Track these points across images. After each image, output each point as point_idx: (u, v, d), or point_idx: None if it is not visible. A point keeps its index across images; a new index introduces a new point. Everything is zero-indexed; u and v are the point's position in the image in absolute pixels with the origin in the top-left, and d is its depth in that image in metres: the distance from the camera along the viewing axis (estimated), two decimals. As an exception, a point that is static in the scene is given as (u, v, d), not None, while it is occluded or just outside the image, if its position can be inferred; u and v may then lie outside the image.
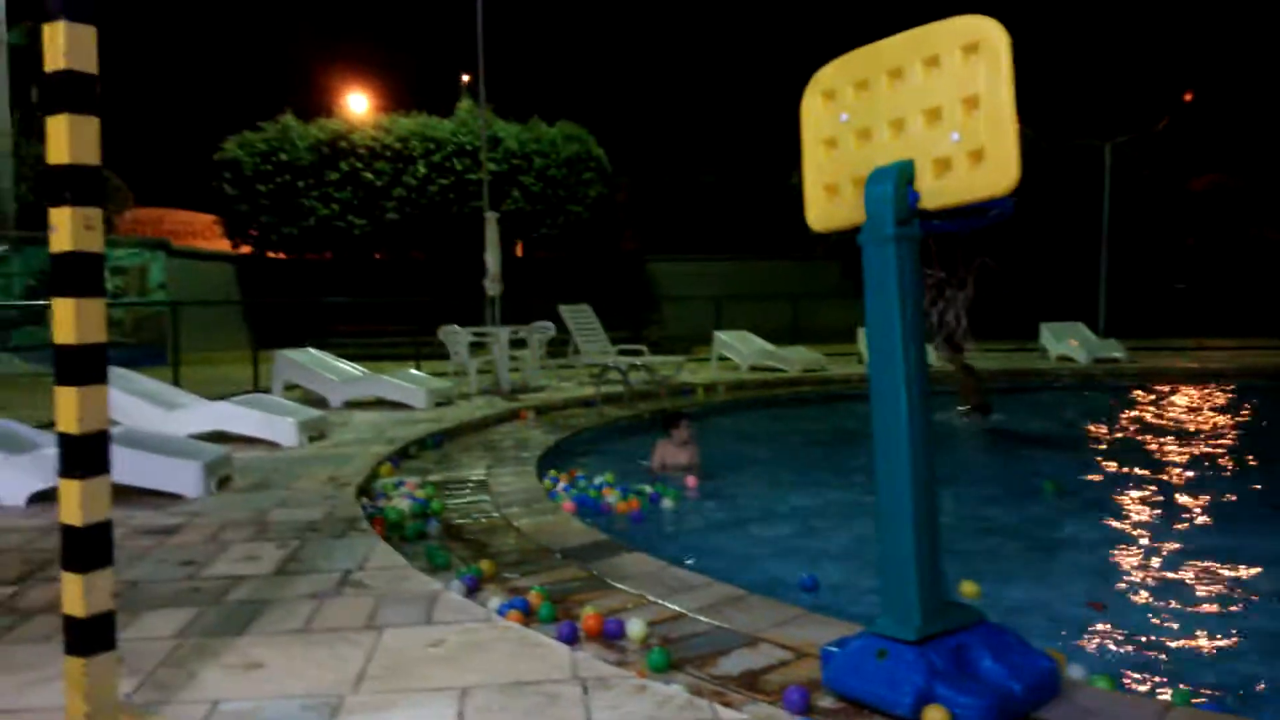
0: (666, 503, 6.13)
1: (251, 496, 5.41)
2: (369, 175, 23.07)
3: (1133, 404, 12.47)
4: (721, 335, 16.05)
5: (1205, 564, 4.99)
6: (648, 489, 6.37)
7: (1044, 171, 23.14)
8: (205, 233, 29.03)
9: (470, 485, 6.12)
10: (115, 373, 7.23)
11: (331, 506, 5.08)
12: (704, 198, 28.22)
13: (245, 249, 25.31)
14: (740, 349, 15.51)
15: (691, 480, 6.85)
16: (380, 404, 10.06)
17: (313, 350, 11.17)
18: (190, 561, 4.00)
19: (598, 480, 6.58)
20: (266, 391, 9.97)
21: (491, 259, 12.17)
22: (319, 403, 9.84)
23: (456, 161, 23.19)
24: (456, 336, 12.03)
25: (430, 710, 2.44)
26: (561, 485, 6.42)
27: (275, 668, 2.77)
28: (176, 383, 9.76)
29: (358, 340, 19.56)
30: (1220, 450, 8.70)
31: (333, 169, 23.20)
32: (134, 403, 7.25)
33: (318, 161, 23.24)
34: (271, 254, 25.37)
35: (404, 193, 23.09)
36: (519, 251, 26.34)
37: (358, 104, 29.85)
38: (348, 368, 10.92)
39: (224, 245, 25.94)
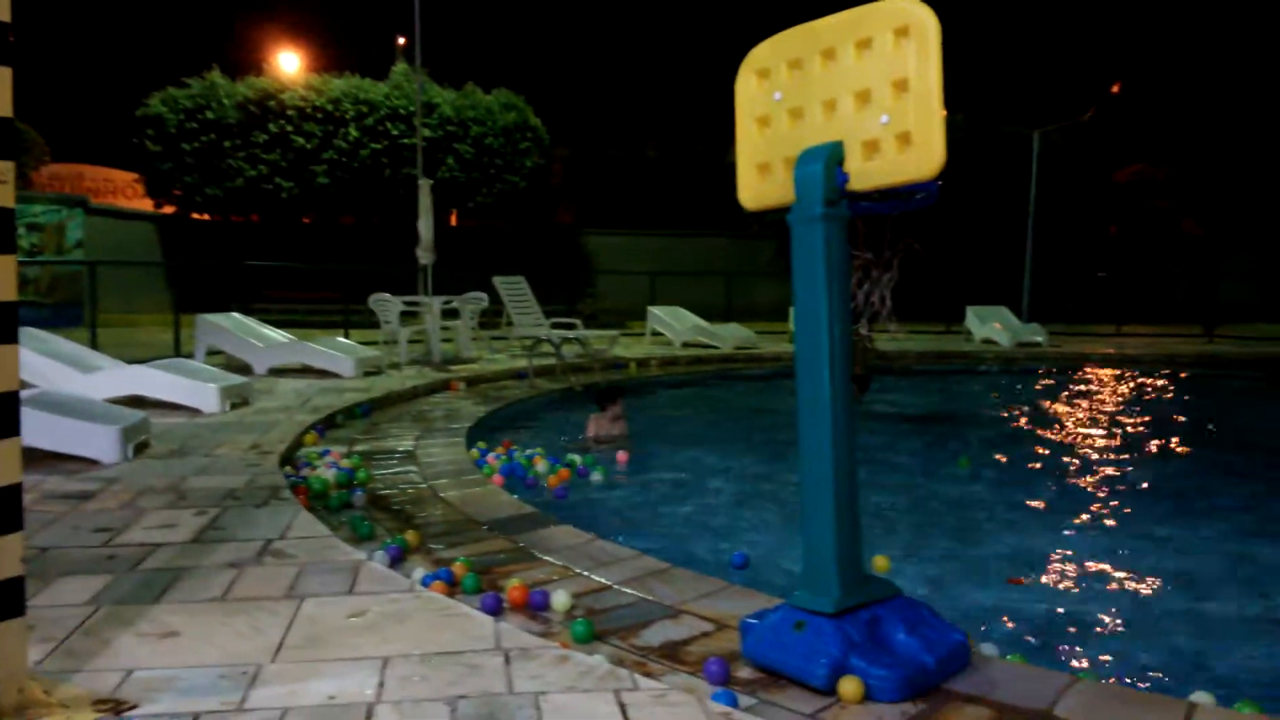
0: (596, 476, 6.16)
1: (170, 463, 5.29)
2: (299, 138, 22.53)
3: (1051, 387, 12.82)
4: (656, 310, 16.10)
5: (1116, 542, 5.18)
6: (580, 459, 6.39)
7: (973, 158, 23.57)
8: (126, 191, 28.11)
9: (398, 456, 6.07)
10: (28, 333, 7.00)
11: (253, 475, 4.99)
12: (642, 173, 28.16)
13: (168, 209, 24.56)
14: (674, 325, 15.58)
15: (622, 455, 6.88)
16: (306, 372, 9.90)
17: (237, 315, 10.93)
18: (105, 528, 3.91)
19: (529, 452, 6.58)
20: (189, 357, 9.74)
21: (424, 227, 12.01)
22: (243, 369, 9.64)
23: (390, 126, 22.77)
24: (387, 305, 11.88)
25: (350, 680, 2.43)
26: (492, 457, 6.40)
27: (191, 636, 2.73)
28: (94, 345, 9.46)
29: (284, 306, 19.18)
30: (1133, 433, 9.01)
31: (261, 129, 22.60)
32: (48, 364, 7.02)
33: (245, 121, 22.62)
34: (196, 215, 24.67)
35: (335, 156, 22.61)
36: (453, 220, 26.01)
37: (289, 63, 29.08)
38: (273, 334, 10.71)
39: (146, 204, 25.13)
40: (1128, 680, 3.26)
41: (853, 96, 2.69)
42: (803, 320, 2.78)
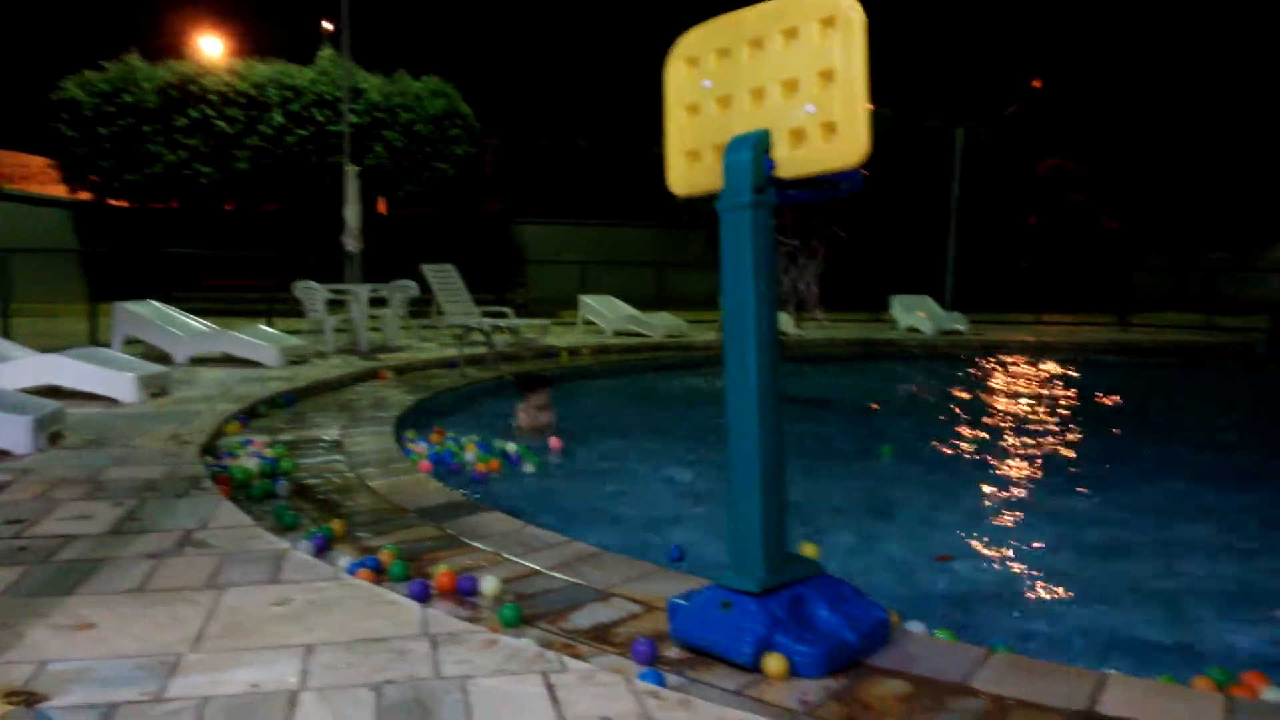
0: (528, 466, 6.14)
1: (86, 454, 5.14)
2: (221, 123, 21.96)
3: (972, 374, 13.14)
4: (587, 299, 16.09)
5: (1037, 521, 5.35)
6: (511, 447, 6.37)
7: (899, 151, 23.98)
8: (40, 176, 27.07)
9: (324, 445, 5.98)
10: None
11: (173, 465, 4.88)
12: (573, 162, 28.08)
13: (84, 195, 23.76)
14: (605, 313, 15.58)
15: (555, 442, 6.87)
16: (229, 361, 9.68)
17: (155, 303, 10.64)
18: (17, 520, 3.79)
19: (462, 440, 6.54)
20: (105, 346, 9.45)
21: (351, 214, 11.83)
22: (162, 359, 9.39)
23: (316, 112, 22.33)
24: (313, 293, 11.66)
25: (273, 668, 2.40)
26: (422, 445, 6.35)
27: (108, 628, 2.67)
28: (6, 334, 9.15)
29: (206, 295, 18.71)
30: (1050, 417, 9.29)
31: (181, 114, 21.98)
32: (-45, 354, 6.76)
33: (165, 105, 21.98)
34: (113, 201, 23.91)
35: (258, 142, 22.10)
36: (381, 208, 25.63)
37: (210, 47, 28.34)
38: (194, 322, 10.46)
39: (61, 190, 24.28)
40: (1047, 653, 3.37)
41: (780, 85, 2.72)
42: (731, 306, 2.81)
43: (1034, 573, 4.45)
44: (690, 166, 2.99)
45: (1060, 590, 4.19)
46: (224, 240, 22.03)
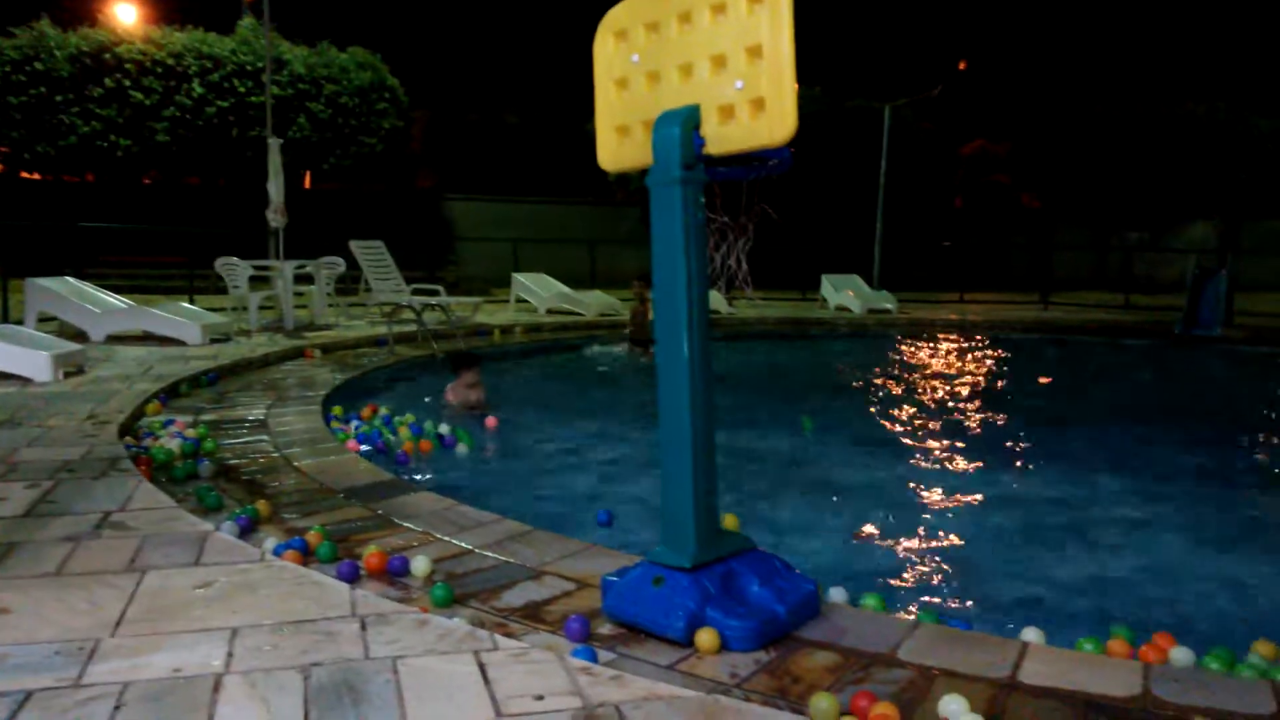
0: (462, 446, 6.06)
1: (-3, 435, 4.96)
2: (137, 93, 21.19)
3: (899, 353, 13.37)
4: (519, 277, 15.97)
5: (959, 494, 5.47)
6: (445, 427, 6.29)
7: (828, 130, 24.18)
8: (-56, 147, 25.91)
9: (248, 425, 5.86)
10: None
11: (90, 446, 4.73)
12: (505, 138, 27.71)
13: (-8, 167, 22.83)
14: (538, 291, 15.49)
15: (490, 421, 6.81)
16: (148, 339, 9.41)
17: (71, 279, 10.28)
18: (-78, 505, 3.64)
19: (388, 416, 6.45)
20: (18, 324, 9.12)
21: (274, 188, 11.53)
22: (78, 336, 9.10)
23: (237, 82, 21.67)
24: (235, 269, 11.38)
25: (197, 652, 2.35)
26: (352, 425, 6.25)
27: (24, 613, 2.58)
28: (-92, 312, 8.76)
29: (125, 271, 18.13)
30: (972, 393, 9.50)
31: (96, 84, 21.17)
32: None
33: (79, 74, 21.13)
34: (25, 174, 23.00)
35: (177, 113, 21.39)
36: (307, 183, 25.06)
37: (125, 14, 27.30)
38: (111, 299, 10.13)
39: (-34, 163, 23.27)
40: (969, 623, 3.46)
41: (708, 61, 2.72)
42: (661, 282, 2.81)
43: (957, 544, 4.56)
44: (620, 142, 2.98)
45: (983, 561, 4.30)
46: (143, 215, 21.32)
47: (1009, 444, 7.14)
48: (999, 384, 10.65)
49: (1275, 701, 2.37)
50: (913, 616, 3.10)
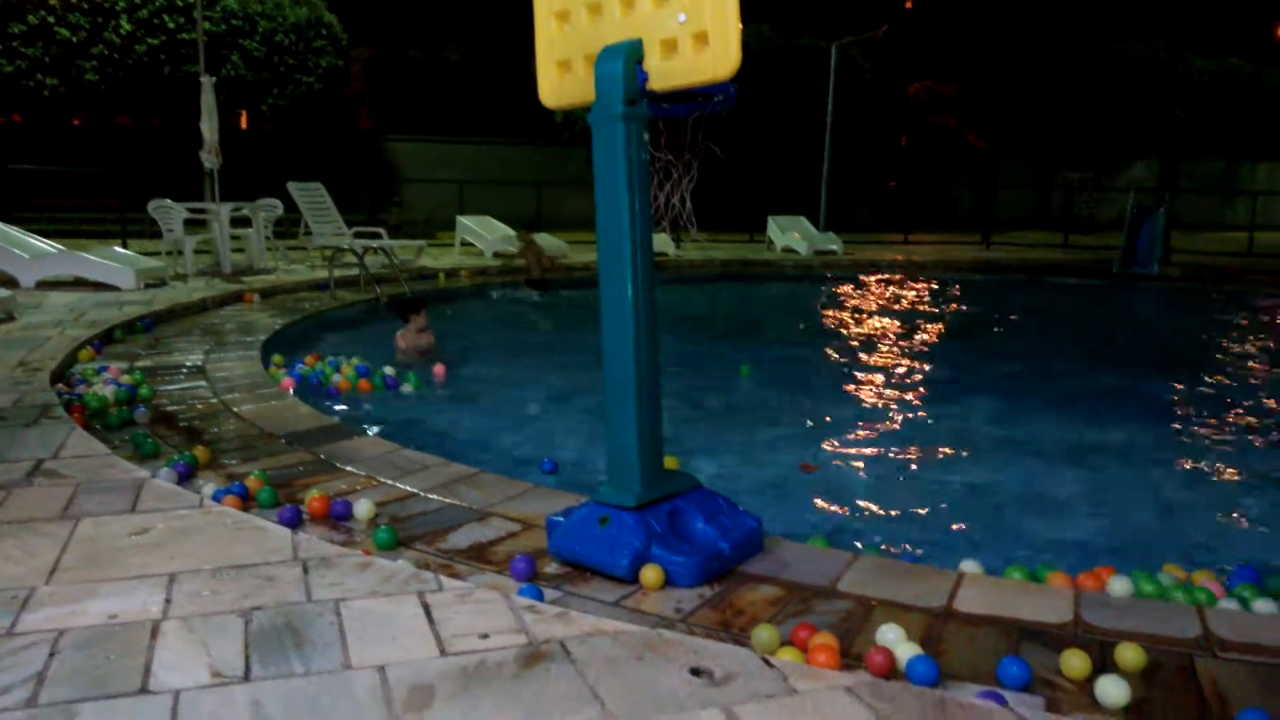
0: (407, 388, 6.01)
1: (-79, 384, 4.80)
2: (63, 30, 20.34)
3: (844, 293, 13.48)
4: (464, 220, 15.76)
5: (901, 429, 5.56)
6: (389, 369, 6.22)
7: (775, 68, 24.02)
8: None
9: (185, 371, 5.74)
10: None
11: (20, 393, 4.60)
12: (447, 77, 27.10)
13: (-91, 107, 21.82)
14: (484, 235, 15.30)
15: (439, 369, 6.72)
16: (80, 285, 9.14)
17: (-3, 224, 9.93)
18: None
19: (338, 362, 6.35)
20: (-60, 269, 8.81)
21: (208, 128, 11.18)
22: (7, 283, 8.81)
23: (168, 19, 20.86)
24: (169, 212, 11.07)
25: (134, 598, 2.31)
26: (291, 371, 6.14)
27: (-49, 565, 2.51)
28: None
29: (54, 215, 17.57)
30: (915, 332, 9.63)
31: (18, 20, 20.26)
32: None
33: (0, 11, 20.21)
34: (-56, 114, 22.06)
35: (105, 51, 20.58)
36: (243, 124, 24.36)
37: (45, -56, 26.02)
38: (40, 244, 9.80)
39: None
40: (910, 554, 3.53)
41: (650, -8, 2.66)
42: (605, 221, 2.78)
43: (897, 479, 4.65)
44: (561, 77, 2.92)
45: (922, 495, 4.38)
46: (73, 156, 20.62)
47: (947, 380, 7.27)
48: (940, 323, 10.80)
49: (1201, 624, 2.45)
50: (853, 551, 3.15)
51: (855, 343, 8.95)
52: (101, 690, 1.87)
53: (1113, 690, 2.06)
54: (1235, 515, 4.23)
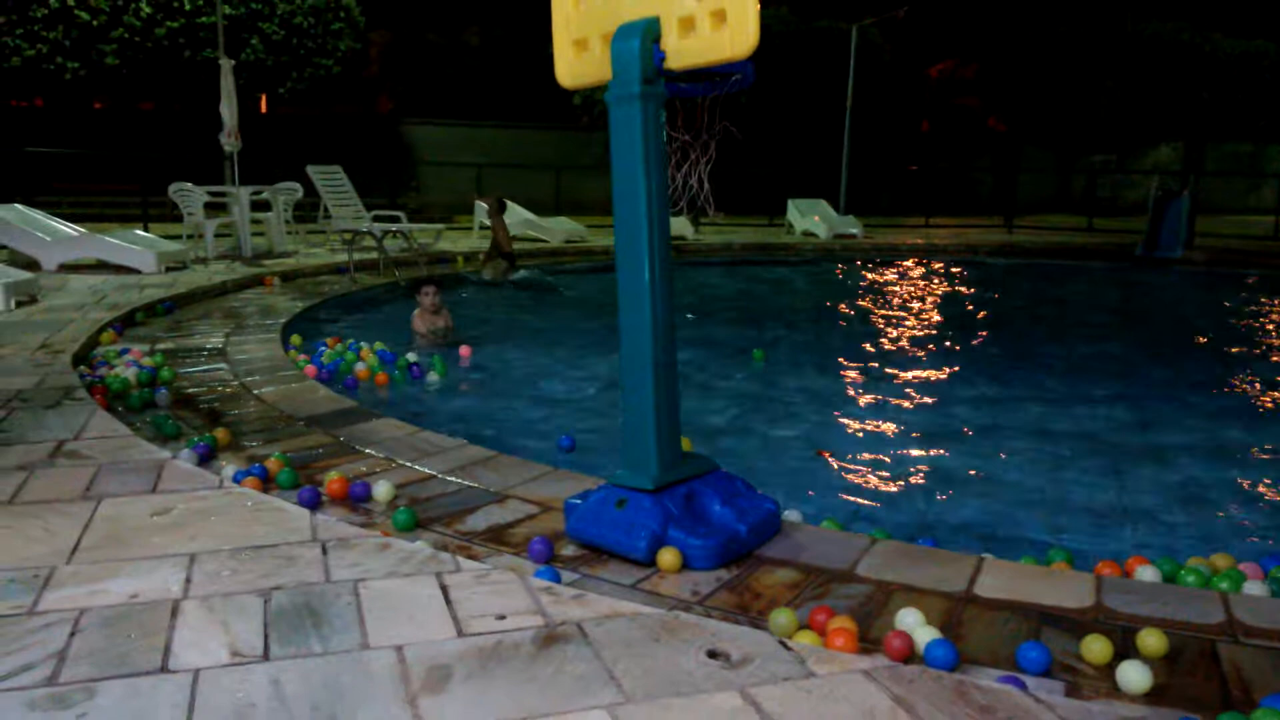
0: (433, 376, 5.97)
1: (-54, 366, 4.85)
2: (83, 13, 20.43)
3: (864, 277, 13.40)
4: (482, 204, 15.74)
5: (919, 414, 5.53)
6: (413, 356, 6.19)
7: (795, 50, 23.84)
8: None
9: (206, 353, 5.77)
10: None
11: (43, 375, 4.64)
12: (466, 60, 27.09)
13: (-68, 91, 21.99)
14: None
15: (464, 350, 6.70)
16: (102, 267, 9.21)
17: (21, 207, 10.00)
18: None
19: (358, 346, 6.34)
20: (-36, 252, 8.89)
21: (228, 111, 11.21)
22: (30, 265, 8.88)
23: (187, 2, 20.93)
24: (190, 196, 11.13)
25: (155, 578, 2.33)
26: (315, 359, 6.13)
27: (-25, 544, 2.54)
28: None
29: (76, 198, 17.72)
30: (936, 317, 9.56)
31: (40, 5, 20.36)
32: None
33: (20, -6, 20.31)
34: (-33, 99, 22.21)
35: (126, 34, 20.66)
36: (263, 107, 24.42)
37: (66, -72, 26.11)
38: (63, 227, 9.88)
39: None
40: (927, 539, 3.51)
41: (668, -31, 2.63)
42: (622, 201, 2.76)
43: (917, 464, 4.61)
44: (578, 56, 2.90)
45: (942, 480, 4.35)
46: (95, 140, 20.76)
47: (969, 365, 7.21)
48: (961, 307, 10.72)
49: (1225, 611, 2.43)
50: (871, 534, 3.14)
51: (875, 326, 8.90)
52: (122, 669, 1.89)
53: (1134, 676, 2.04)
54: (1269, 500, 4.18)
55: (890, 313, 9.82)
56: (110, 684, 1.83)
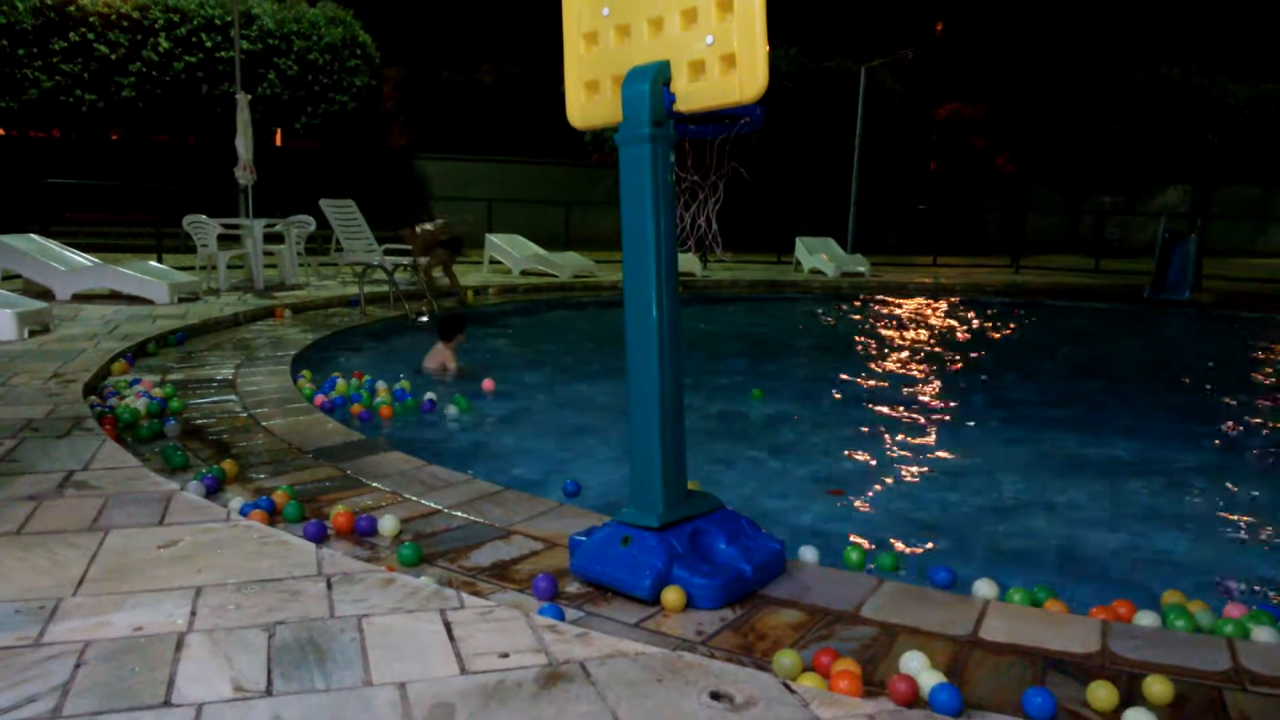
0: (451, 410, 5.95)
1: (-42, 394, 4.88)
2: (102, 47, 20.74)
3: (871, 315, 13.42)
4: (493, 238, 15.87)
5: (926, 454, 5.51)
6: (429, 394, 6.15)
7: (804, 90, 24.05)
8: (-98, 100, 25.22)
9: (216, 384, 5.80)
10: None
11: (54, 404, 4.67)
12: (479, 96, 27.37)
13: (-48, 122, 22.29)
14: (512, 252, 15.40)
15: (488, 384, 6.66)
16: (115, 298, 9.29)
17: (36, 237, 10.10)
18: (-120, 464, 3.59)
19: (375, 383, 6.35)
20: (-21, 281, 8.97)
21: (243, 145, 11.34)
22: (44, 295, 8.96)
23: (205, 37, 21.23)
24: (204, 228, 11.22)
25: (160, 610, 2.33)
26: (319, 387, 6.16)
27: (-18, 574, 2.55)
28: None
29: (91, 229, 17.89)
30: (942, 356, 9.56)
31: (60, 38, 20.69)
32: None
33: (42, 28, 20.65)
34: (-13, 129, 22.52)
35: (144, 68, 20.96)
36: (278, 141, 24.69)
37: (89, -36, 26.58)
38: (77, 257, 9.97)
39: (-75, 116, 22.70)
40: (935, 580, 3.49)
41: (679, 15, 2.67)
42: (630, 241, 2.79)
43: (923, 505, 4.60)
44: (589, 98, 2.94)
45: (947, 521, 4.34)
46: (111, 171, 21.00)
47: (978, 403, 7.20)
48: (968, 347, 10.71)
49: (1231, 658, 2.41)
50: (877, 575, 3.13)
51: (883, 365, 8.90)
52: (125, 702, 1.89)
53: (1140, 723, 2.02)
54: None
55: (897, 351, 9.82)
56: (113, 718, 1.83)
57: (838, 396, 7.41)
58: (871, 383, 7.97)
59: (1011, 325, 12.99)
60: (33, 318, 7.01)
